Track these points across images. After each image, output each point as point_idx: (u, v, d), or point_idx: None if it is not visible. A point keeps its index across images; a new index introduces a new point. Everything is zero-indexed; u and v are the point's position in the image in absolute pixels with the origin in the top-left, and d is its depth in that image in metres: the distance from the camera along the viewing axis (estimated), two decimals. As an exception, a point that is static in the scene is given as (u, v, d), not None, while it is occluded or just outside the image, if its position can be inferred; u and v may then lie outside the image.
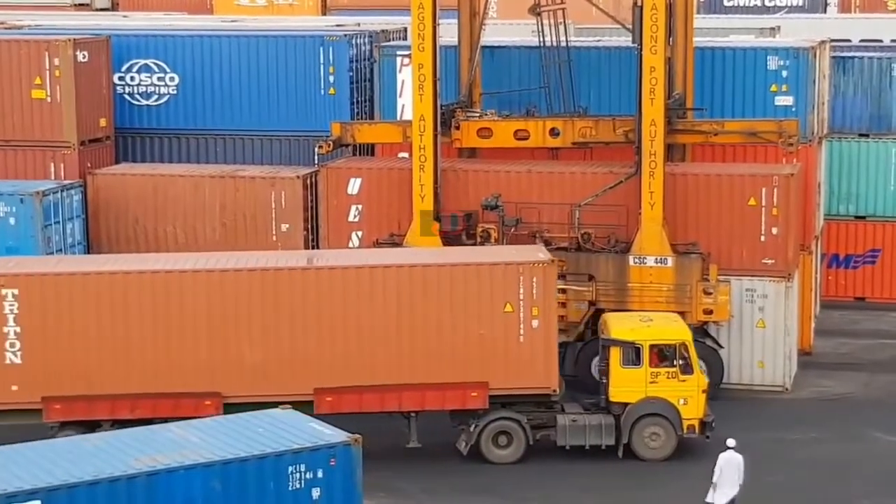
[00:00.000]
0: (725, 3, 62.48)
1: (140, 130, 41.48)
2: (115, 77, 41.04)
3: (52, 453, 20.99)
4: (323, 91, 40.14)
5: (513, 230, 35.39)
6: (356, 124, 37.99)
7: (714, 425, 31.10)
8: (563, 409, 31.74)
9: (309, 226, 38.09)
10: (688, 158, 37.65)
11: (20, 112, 38.92)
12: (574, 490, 30.05)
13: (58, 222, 37.03)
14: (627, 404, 31.29)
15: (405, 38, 41.29)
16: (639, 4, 34.60)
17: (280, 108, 40.53)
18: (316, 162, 38.49)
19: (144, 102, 41.36)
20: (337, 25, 44.59)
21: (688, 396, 31.22)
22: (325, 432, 22.08)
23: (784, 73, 37.57)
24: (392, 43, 41.13)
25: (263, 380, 30.30)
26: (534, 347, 30.66)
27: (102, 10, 68.86)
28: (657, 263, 34.78)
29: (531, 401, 31.42)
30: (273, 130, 40.74)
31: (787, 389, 36.14)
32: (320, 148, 36.85)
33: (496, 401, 31.03)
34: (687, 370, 31.28)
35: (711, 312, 34.29)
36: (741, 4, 62.53)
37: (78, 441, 21.98)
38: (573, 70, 38.08)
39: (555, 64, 38.06)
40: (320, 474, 21.56)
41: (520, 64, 39.00)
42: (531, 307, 30.56)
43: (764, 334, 35.69)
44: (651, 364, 31.23)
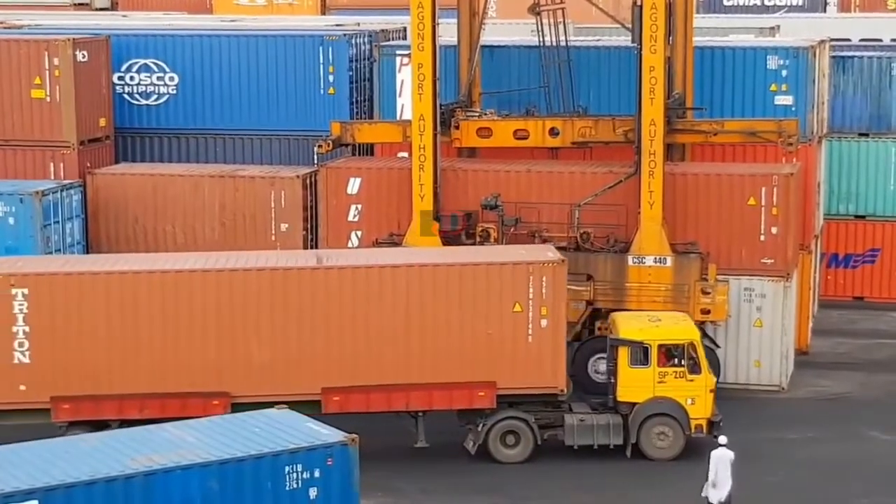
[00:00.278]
0: (725, 3, 62.48)
1: (139, 130, 41.50)
2: (115, 77, 41.06)
3: (50, 453, 20.99)
4: (322, 91, 40.15)
5: (512, 230, 35.40)
6: (356, 124, 38.00)
7: (722, 425, 31.05)
8: (571, 409, 31.78)
9: (308, 225, 38.10)
10: (687, 158, 37.65)
11: (20, 112, 38.93)
12: (575, 490, 30.06)
13: (57, 222, 37.03)
14: (635, 404, 31.32)
15: (405, 38, 41.30)
16: (638, 4, 34.58)
17: (280, 108, 40.54)
18: (315, 162, 38.49)
19: (144, 102, 41.38)
20: (336, 25, 44.60)
21: (695, 396, 31.26)
22: (322, 432, 22.10)
23: (784, 73, 37.56)
24: (391, 42, 41.14)
25: (271, 379, 30.32)
26: (542, 347, 30.68)
27: (102, 10, 68.89)
28: (656, 263, 34.78)
29: (539, 400, 31.45)
30: (272, 130, 40.76)
31: (784, 389, 36.16)
32: (320, 147, 36.85)
33: (504, 400, 31.05)
34: (695, 370, 31.30)
35: (709, 312, 34.30)
36: (741, 4, 62.53)
37: (75, 441, 21.99)
38: (573, 70, 38.09)
39: (554, 63, 38.07)
40: (317, 474, 21.57)
41: (519, 63, 38.99)
42: (540, 307, 30.58)
43: (761, 334, 35.69)
44: (659, 364, 31.26)
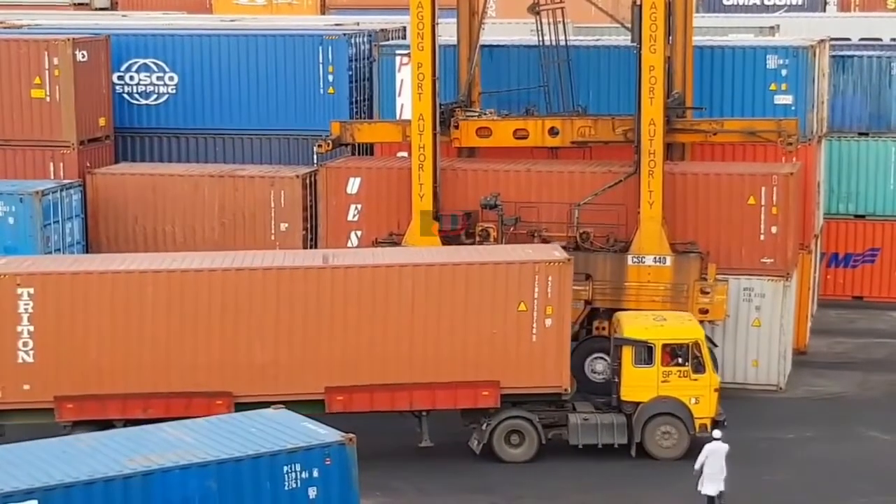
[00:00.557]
0: (725, 2, 62.48)
1: (139, 130, 41.51)
2: (115, 76, 41.09)
3: (49, 453, 20.99)
4: (322, 90, 40.16)
5: (512, 229, 35.42)
6: (355, 123, 38.00)
7: (726, 424, 31.05)
8: (575, 408, 31.82)
9: (308, 225, 38.12)
10: (687, 157, 37.65)
11: (19, 111, 38.94)
12: (575, 489, 30.05)
13: (57, 222, 37.06)
14: (639, 403, 31.35)
15: (404, 38, 41.32)
16: (638, 3, 34.58)
17: (279, 108, 40.54)
18: (315, 161, 38.54)
19: (143, 102, 41.39)
20: (336, 25, 44.63)
21: (700, 395, 31.27)
22: (320, 432, 22.08)
23: (783, 72, 37.57)
24: (391, 42, 41.14)
25: (275, 379, 30.34)
26: (546, 346, 30.70)
27: (101, 10, 68.93)
28: (656, 263, 34.80)
29: (543, 400, 31.47)
30: (272, 130, 40.77)
31: (781, 388, 36.16)
32: (319, 147, 36.89)
33: (508, 400, 31.08)
34: (699, 369, 31.32)
35: (707, 312, 34.30)
36: (740, 3, 62.53)
37: (73, 441, 21.97)
38: (572, 69, 38.10)
39: (554, 63, 38.09)
40: (316, 474, 21.56)
41: (519, 63, 39.00)
42: (545, 306, 30.59)
43: (759, 333, 35.69)
44: (663, 363, 31.29)
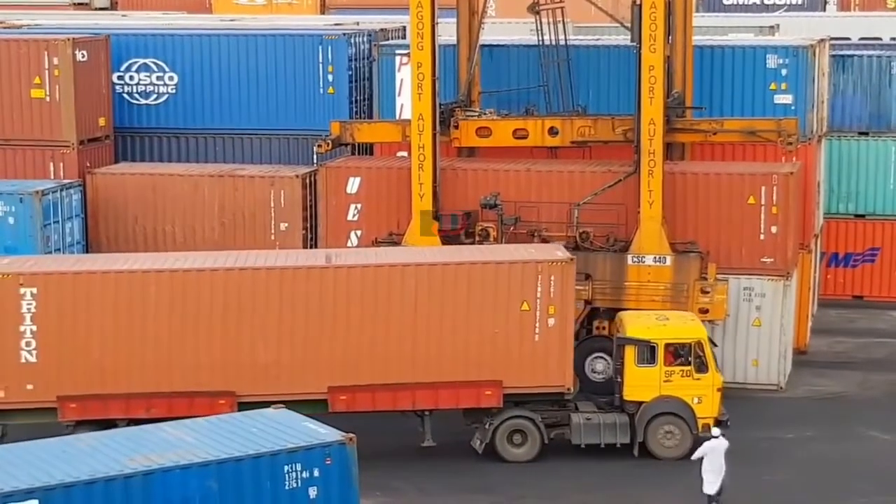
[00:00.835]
0: (724, 2, 62.50)
1: (139, 130, 41.51)
2: (115, 76, 41.08)
3: (49, 453, 20.98)
4: (322, 90, 40.16)
5: (511, 229, 35.41)
6: (355, 123, 37.99)
7: (729, 424, 31.04)
8: (578, 408, 31.83)
9: (308, 225, 38.12)
10: (687, 157, 37.64)
11: (19, 111, 38.94)
12: (576, 489, 30.05)
13: (57, 222, 37.06)
14: (642, 403, 31.35)
15: (404, 37, 41.31)
16: (638, 3, 34.55)
17: (279, 108, 40.53)
18: (315, 161, 38.53)
19: (143, 102, 41.38)
20: (336, 24, 44.62)
21: (702, 395, 31.27)
22: (320, 431, 22.08)
23: (783, 72, 37.55)
24: (391, 42, 41.13)
25: (278, 379, 30.36)
26: (549, 346, 30.71)
27: (101, 10, 68.94)
28: (656, 262, 34.79)
29: (546, 399, 31.48)
30: (272, 129, 40.76)
31: (782, 388, 36.17)
32: (319, 147, 36.88)
33: (510, 399, 31.09)
34: (702, 369, 31.32)
35: (707, 311, 34.29)
36: (740, 3, 62.54)
37: (73, 441, 21.96)
38: (572, 69, 38.09)
39: (554, 63, 38.08)
40: (316, 473, 21.56)
41: (519, 63, 38.99)
42: (548, 306, 30.61)
43: (759, 333, 35.70)
44: (666, 363, 31.29)
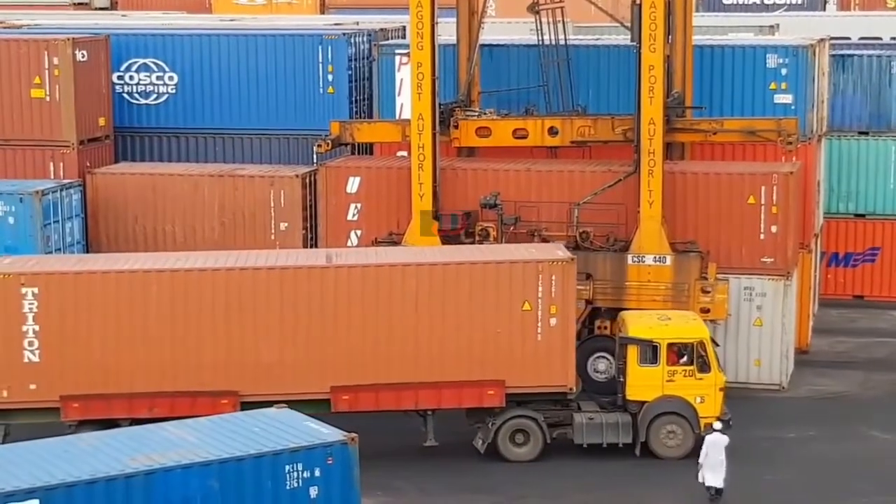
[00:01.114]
0: (724, 1, 62.49)
1: (139, 129, 41.50)
2: (115, 76, 41.08)
3: (50, 453, 20.98)
4: (322, 90, 40.16)
5: (511, 229, 35.40)
6: (355, 123, 37.97)
7: (731, 424, 31.03)
8: (580, 408, 31.83)
9: (308, 224, 38.12)
10: (687, 157, 37.63)
11: (19, 111, 38.95)
12: (577, 489, 30.05)
13: (57, 221, 37.05)
14: (644, 402, 31.35)
15: (404, 37, 41.30)
16: (637, 3, 34.54)
17: (279, 107, 40.54)
18: (315, 161, 38.51)
19: (143, 101, 41.37)
20: (335, 24, 44.63)
21: (705, 395, 31.28)
22: (322, 431, 22.09)
23: (783, 71, 37.55)
24: (391, 42, 41.12)
25: (280, 378, 30.39)
26: (551, 346, 30.74)
27: (101, 10, 68.97)
28: (656, 262, 34.78)
29: (548, 399, 31.48)
30: (272, 129, 40.76)
31: (784, 388, 36.17)
32: (319, 147, 36.87)
33: (513, 399, 31.09)
34: (704, 368, 31.32)
35: (708, 311, 34.27)
36: (740, 2, 62.54)
37: (75, 440, 21.98)
38: (572, 68, 38.09)
39: (553, 62, 38.07)
40: (318, 473, 21.56)
41: (518, 62, 38.99)
42: (550, 305, 30.63)
43: (761, 332, 35.70)
44: (668, 362, 31.29)
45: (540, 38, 37.95)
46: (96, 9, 69.04)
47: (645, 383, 31.36)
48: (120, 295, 30.27)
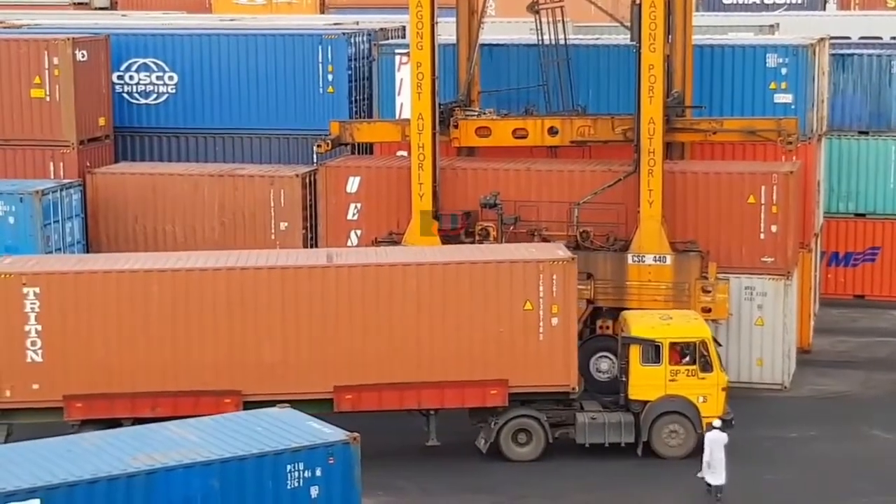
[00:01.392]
0: (724, 1, 62.45)
1: (139, 129, 41.49)
2: (114, 76, 41.07)
3: (52, 452, 20.98)
4: (322, 89, 40.15)
5: (511, 228, 35.38)
6: (355, 123, 37.96)
7: (734, 423, 31.02)
8: (583, 407, 31.83)
9: (308, 224, 38.10)
10: (687, 156, 37.61)
11: (19, 111, 38.95)
12: (578, 489, 30.04)
13: (57, 221, 37.04)
14: (647, 402, 31.34)
15: (404, 37, 41.29)
16: (637, 2, 34.54)
17: (279, 107, 40.53)
18: (315, 160, 38.50)
19: (143, 101, 41.36)
20: (335, 24, 44.61)
21: (707, 394, 31.27)
22: (324, 431, 22.08)
23: (783, 71, 37.54)
24: (391, 41, 41.10)
25: (283, 378, 30.40)
26: (553, 345, 30.75)
27: (101, 10, 68.95)
28: (656, 262, 34.77)
29: (550, 398, 31.47)
30: (272, 129, 40.75)
31: (786, 387, 36.16)
32: (319, 147, 36.87)
33: (515, 398, 31.09)
34: (706, 368, 31.31)
35: (710, 310, 34.26)
36: (740, 2, 62.52)
37: (76, 440, 21.97)
38: (572, 68, 38.08)
39: (553, 62, 38.05)
40: (319, 473, 21.56)
41: (518, 62, 38.98)
42: (551, 305, 30.62)
43: (762, 332, 35.70)
44: (671, 362, 31.27)
45: (540, 38, 37.94)
46: (96, 9, 69.02)
47: (647, 383, 31.35)
48: (121, 295, 30.30)
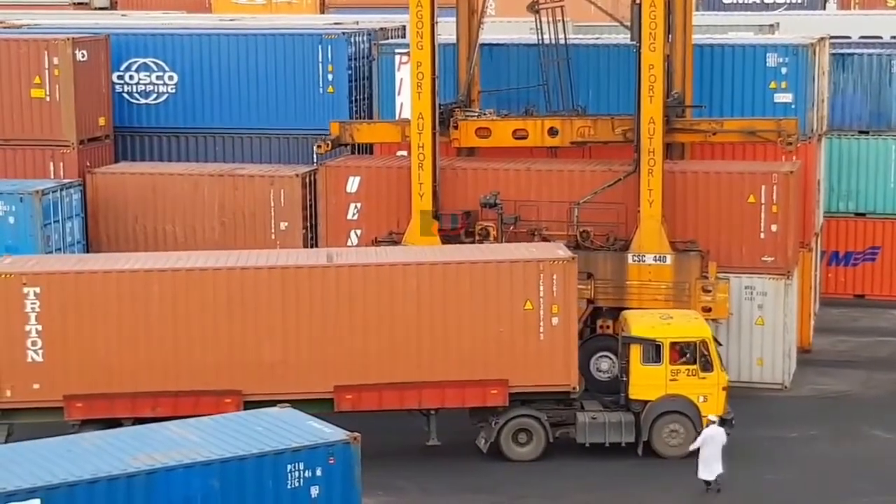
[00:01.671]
0: (724, 0, 62.44)
1: (139, 129, 41.47)
2: (114, 76, 41.05)
3: (52, 452, 20.96)
4: (322, 89, 40.14)
5: (511, 228, 35.38)
6: (355, 124, 37.95)
7: (734, 423, 31.03)
8: (583, 407, 31.83)
9: (308, 224, 38.10)
10: (687, 156, 37.59)
11: (19, 111, 38.92)
12: (578, 489, 30.02)
13: (57, 221, 37.02)
14: (647, 402, 31.33)
15: (404, 36, 41.28)
16: (637, 2, 34.54)
17: (279, 107, 40.51)
18: (315, 160, 38.50)
19: (143, 101, 41.35)
20: (335, 24, 44.58)
21: (708, 394, 31.23)
22: (325, 430, 22.06)
23: (783, 70, 37.51)
24: (390, 41, 41.09)
25: (284, 378, 30.40)
26: (554, 345, 30.74)
27: (101, 9, 68.92)
28: (656, 261, 34.78)
29: (551, 398, 31.48)
30: (272, 129, 40.73)
31: (786, 387, 36.16)
32: (319, 148, 36.88)
33: (516, 398, 31.09)
34: (707, 367, 31.29)
35: (710, 310, 34.26)
36: (740, 1, 62.53)
37: (77, 440, 21.95)
38: (572, 68, 38.05)
39: (553, 62, 38.04)
40: (319, 473, 21.54)
41: (518, 62, 38.96)
42: (551, 304, 30.62)
43: (763, 332, 35.69)
44: (671, 361, 31.27)
45: (540, 38, 37.92)
46: (96, 9, 68.98)
47: (648, 382, 31.34)
48: (121, 294, 30.29)
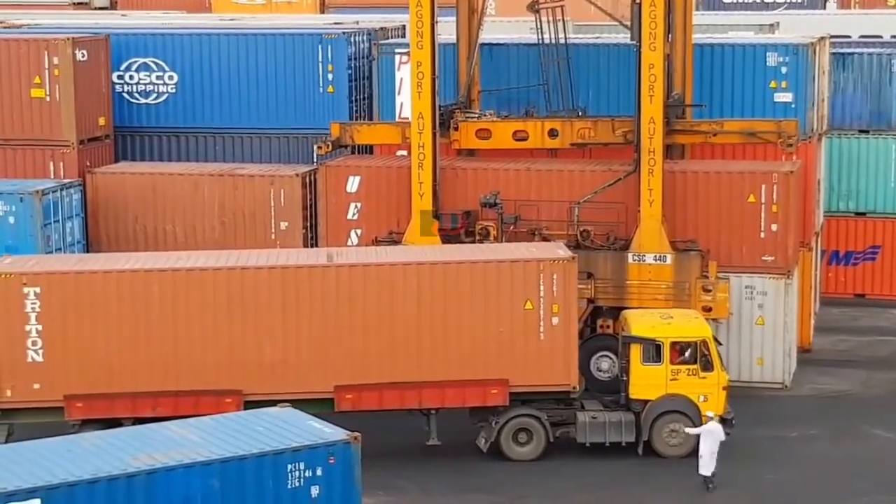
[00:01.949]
0: (724, 0, 62.44)
1: (139, 129, 41.48)
2: (114, 76, 41.06)
3: (52, 452, 20.95)
4: (322, 89, 40.14)
5: (511, 228, 35.38)
6: (355, 125, 37.96)
7: (735, 423, 31.03)
8: (583, 406, 31.83)
9: (308, 224, 38.10)
10: (687, 156, 37.57)
11: (19, 111, 38.93)
12: (578, 488, 30.02)
13: (57, 221, 37.03)
14: (648, 401, 31.33)
15: (404, 36, 41.28)
16: (637, 1, 34.55)
17: (279, 107, 40.52)
18: (315, 160, 38.49)
19: (143, 101, 41.35)
20: (335, 23, 44.60)
21: (708, 393, 31.23)
22: (325, 430, 22.06)
23: (783, 70, 37.51)
24: (391, 41, 41.09)
25: (284, 377, 30.41)
26: (554, 345, 30.75)
27: (101, 9, 68.94)
28: (656, 261, 34.77)
29: (551, 398, 31.48)
30: (272, 129, 40.74)
31: (787, 386, 36.16)
32: (319, 149, 36.89)
33: (516, 398, 31.09)
34: (707, 367, 31.29)
35: (710, 310, 34.25)
36: (740, 1, 62.54)
37: (77, 440, 21.94)
38: (572, 67, 38.03)
39: (553, 61, 38.02)
40: (319, 472, 21.53)
41: (518, 61, 38.95)
42: (552, 304, 30.63)
43: (763, 331, 35.69)
44: (672, 361, 31.26)
45: (540, 37, 37.90)
46: (96, 9, 69.00)
47: (648, 382, 31.34)
48: (121, 294, 30.31)
